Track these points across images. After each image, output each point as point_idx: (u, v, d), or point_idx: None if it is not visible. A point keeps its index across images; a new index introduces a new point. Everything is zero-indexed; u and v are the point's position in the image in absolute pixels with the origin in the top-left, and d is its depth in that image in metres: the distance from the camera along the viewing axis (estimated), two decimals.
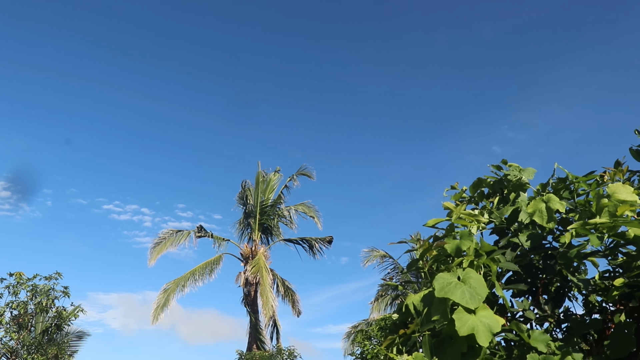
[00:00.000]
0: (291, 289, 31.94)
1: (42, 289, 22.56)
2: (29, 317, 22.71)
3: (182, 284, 29.32)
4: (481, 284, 2.90)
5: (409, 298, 3.12)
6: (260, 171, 33.27)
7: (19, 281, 22.39)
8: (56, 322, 23.45)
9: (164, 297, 28.90)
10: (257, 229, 31.75)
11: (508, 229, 3.81)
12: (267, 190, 32.95)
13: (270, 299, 28.21)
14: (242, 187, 33.39)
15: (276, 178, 33.75)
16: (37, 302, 22.44)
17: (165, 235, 30.51)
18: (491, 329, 2.76)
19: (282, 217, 32.93)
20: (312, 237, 32.25)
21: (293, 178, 33.26)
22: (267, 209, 32.22)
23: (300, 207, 33.07)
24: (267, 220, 32.12)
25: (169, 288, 29.19)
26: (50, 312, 23.22)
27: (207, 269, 30.18)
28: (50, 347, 22.67)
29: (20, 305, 22.34)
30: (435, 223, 3.65)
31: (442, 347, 2.90)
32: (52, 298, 22.66)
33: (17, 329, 22.35)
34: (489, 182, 4.14)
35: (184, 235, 30.71)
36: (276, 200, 32.78)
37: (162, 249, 29.79)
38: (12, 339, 22.24)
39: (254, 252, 30.95)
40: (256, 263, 29.42)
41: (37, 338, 23.02)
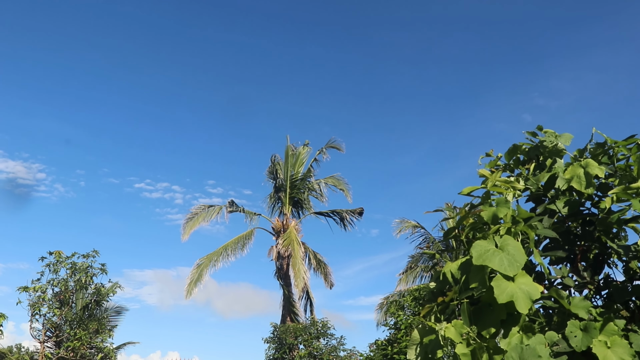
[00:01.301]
0: (323, 262, 32.17)
1: (80, 266, 23.14)
2: (70, 293, 23.36)
3: (214, 259, 29.72)
4: (519, 251, 2.87)
5: (446, 266, 3.10)
6: (290, 145, 33.30)
7: (58, 259, 23.00)
8: (95, 298, 24.08)
9: (197, 272, 29.37)
10: (288, 203, 31.91)
11: (545, 196, 3.76)
12: (297, 164, 33.00)
13: (302, 271, 28.47)
14: (271, 161, 33.50)
15: (305, 151, 33.74)
16: (77, 280, 23.04)
17: (197, 210, 30.91)
18: (530, 296, 2.74)
19: (312, 190, 33.02)
20: (342, 210, 32.33)
21: (322, 151, 33.23)
22: (297, 183, 32.32)
23: (330, 180, 33.10)
24: (297, 193, 32.24)
25: (202, 263, 29.63)
26: (90, 289, 23.84)
27: (239, 244, 30.52)
28: (91, 323, 23.32)
29: (60, 282, 22.99)
30: (470, 191, 3.60)
31: (481, 314, 2.89)
32: (91, 275, 23.24)
33: (59, 305, 23.02)
34: (524, 149, 4.07)
35: (215, 210, 31.04)
36: (306, 174, 32.82)
37: (195, 224, 30.19)
38: (55, 315, 22.94)
39: (285, 225, 31.16)
40: (287, 236, 29.63)
41: (78, 314, 23.69)
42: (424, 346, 3.02)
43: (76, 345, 22.40)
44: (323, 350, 25.38)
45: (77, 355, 22.66)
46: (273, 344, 26.47)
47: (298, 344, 26.15)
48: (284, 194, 32.23)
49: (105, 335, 23.75)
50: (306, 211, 32.84)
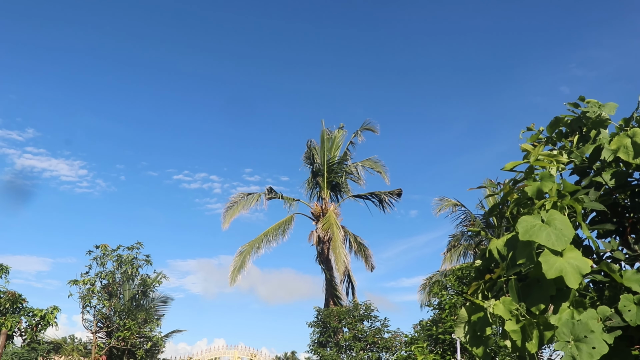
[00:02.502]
0: (363, 245, 32.22)
1: (126, 258, 23.69)
2: (117, 285, 23.97)
3: (256, 245, 30.03)
4: (567, 225, 2.82)
5: (492, 243, 3.06)
6: (325, 129, 33.32)
7: (104, 252, 23.59)
8: (142, 289, 24.65)
9: (239, 259, 29.73)
10: (326, 187, 31.96)
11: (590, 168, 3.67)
12: (333, 148, 32.99)
13: (342, 255, 28.54)
14: (307, 146, 33.55)
15: (340, 135, 33.69)
16: (123, 271, 23.61)
17: (236, 198, 31.23)
18: (580, 270, 2.69)
19: (349, 173, 33.00)
20: (380, 191, 32.26)
21: (357, 134, 33.12)
22: (334, 167, 32.33)
23: (367, 163, 33.01)
24: (335, 177, 32.26)
25: (244, 250, 29.97)
26: (136, 280, 24.42)
27: (280, 230, 30.76)
28: (139, 313, 23.90)
29: (108, 274, 23.59)
30: (513, 166, 3.54)
31: (529, 290, 2.85)
32: (136, 267, 23.78)
33: (107, 297, 23.65)
34: (566, 121, 3.98)
35: (254, 197, 31.31)
36: (342, 157, 32.79)
37: (235, 212, 30.53)
38: (104, 307, 23.59)
39: (324, 210, 31.24)
40: (327, 220, 29.72)
41: (126, 304, 24.30)
42: (472, 324, 3.00)
43: (126, 334, 23.01)
44: (367, 333, 25.48)
45: (128, 344, 23.29)
46: (317, 328, 26.69)
47: (342, 327, 26.32)
48: (321, 178, 32.29)
49: (153, 324, 24.33)
50: (344, 194, 32.89)
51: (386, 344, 25.00)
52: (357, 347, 25.01)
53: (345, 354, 25.61)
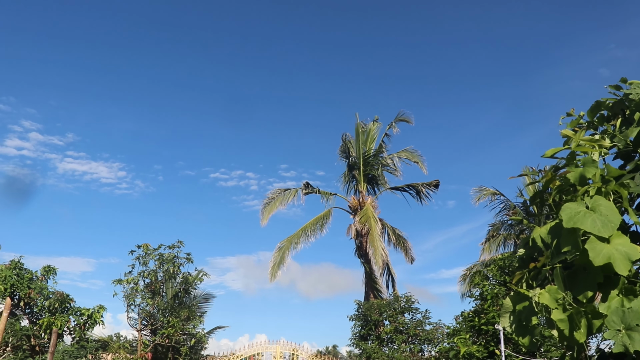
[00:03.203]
0: (402, 237, 32.05)
1: (167, 257, 24.07)
2: (160, 284, 24.38)
3: (295, 241, 30.15)
4: (613, 210, 2.75)
5: (535, 231, 3.01)
6: (359, 122, 33.20)
7: (146, 252, 24.02)
8: (184, 286, 25.02)
9: (279, 255, 29.89)
10: (362, 180, 31.88)
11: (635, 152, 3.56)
12: (368, 141, 32.87)
13: (380, 247, 28.44)
14: (342, 140, 33.50)
15: (375, 127, 33.54)
16: (165, 270, 24.00)
17: (273, 195, 31.39)
18: (629, 257, 2.62)
19: (385, 165, 32.84)
20: (418, 183, 32.02)
21: (392, 125, 32.91)
22: (370, 159, 32.22)
23: (403, 154, 32.78)
24: (371, 170, 32.16)
25: (283, 246, 30.13)
26: (178, 278, 24.78)
27: (318, 224, 30.81)
28: (182, 310, 24.27)
29: (150, 273, 24.02)
30: (554, 153, 3.46)
31: (576, 278, 2.79)
32: (178, 265, 24.15)
33: (151, 295, 24.08)
34: (607, 104, 3.87)
35: (291, 193, 31.44)
36: (378, 150, 32.64)
37: (273, 209, 30.70)
38: (148, 305, 24.02)
39: (361, 203, 31.18)
40: (364, 214, 29.64)
41: (169, 302, 24.70)
42: (518, 314, 2.95)
43: (170, 332, 23.41)
44: (409, 325, 25.39)
45: (172, 341, 23.70)
46: (358, 321, 26.72)
47: (383, 319, 26.29)
48: (357, 171, 32.23)
49: (196, 321, 24.68)
50: (381, 187, 32.76)
51: (428, 336, 24.88)
52: (398, 339, 24.96)
53: (387, 347, 25.59)
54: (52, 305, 22.72)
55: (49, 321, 21.97)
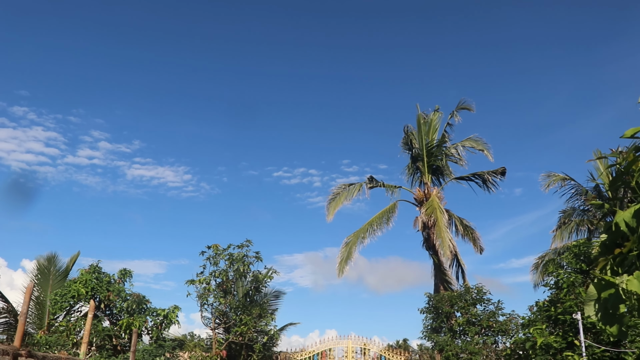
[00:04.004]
0: (470, 227, 31.46)
1: (237, 256, 24.48)
2: (231, 283, 24.83)
3: (361, 235, 30.08)
4: None
5: (618, 216, 2.85)
6: (420, 113, 32.80)
7: (216, 252, 24.52)
8: (254, 285, 25.39)
9: (346, 250, 29.89)
10: (427, 172, 31.49)
11: None
12: (430, 131, 32.43)
13: (448, 239, 28.01)
14: (404, 132, 33.18)
15: (437, 117, 33.06)
16: (235, 269, 24.43)
17: (338, 190, 31.42)
18: None
19: (449, 155, 32.30)
20: (483, 172, 31.34)
21: (454, 114, 32.32)
22: (433, 150, 31.76)
23: (467, 143, 32.16)
24: (435, 161, 31.71)
25: (349, 241, 30.11)
26: (248, 277, 25.18)
27: (384, 218, 30.63)
28: (253, 308, 24.64)
29: (221, 273, 24.51)
30: (634, 133, 3.27)
31: None
32: (247, 264, 24.52)
33: (223, 294, 24.57)
34: None
35: (356, 188, 31.38)
36: (441, 140, 32.14)
37: (338, 204, 30.73)
38: (220, 304, 24.53)
39: (427, 194, 30.80)
40: (430, 205, 29.27)
41: (240, 301, 25.14)
42: (603, 302, 2.81)
43: (243, 329, 23.82)
44: (481, 317, 24.90)
45: (245, 339, 24.10)
46: (429, 314, 26.41)
47: (454, 311, 25.89)
48: (421, 163, 31.85)
49: (268, 318, 25.01)
50: (446, 177, 32.26)
51: (502, 327, 24.32)
52: (471, 331, 24.52)
53: (460, 339, 25.19)
54: (130, 306, 23.55)
55: (128, 322, 22.79)
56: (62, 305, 23.61)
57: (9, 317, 24.72)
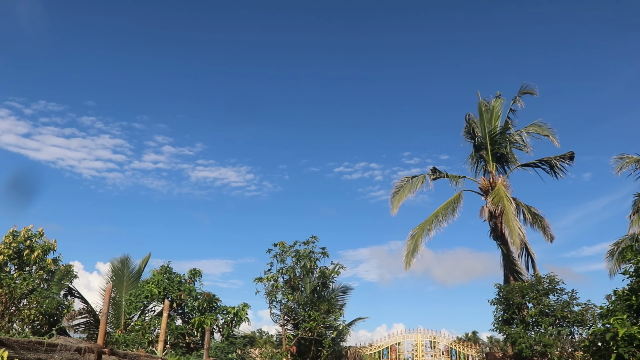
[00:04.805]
0: (538, 215, 30.58)
1: (303, 253, 24.63)
2: (298, 279, 25.02)
3: (427, 227, 29.67)
4: None
5: None
6: (481, 101, 32.08)
7: (283, 249, 24.75)
8: (321, 280, 25.48)
9: (412, 243, 29.56)
10: (491, 160, 30.76)
11: None
12: (493, 119, 31.67)
13: (516, 227, 27.25)
14: (466, 120, 32.51)
15: (499, 104, 32.25)
16: (302, 266, 24.58)
17: (401, 183, 31.08)
18: None
19: (514, 142, 31.44)
20: (550, 157, 30.35)
21: (516, 99, 31.42)
22: (496, 138, 30.99)
23: (532, 128, 31.22)
24: (499, 148, 30.93)
25: (415, 234, 29.75)
26: (315, 273, 25.30)
27: (449, 209, 30.12)
28: (321, 303, 24.74)
29: (288, 270, 24.73)
30: None
31: None
32: (314, 260, 24.64)
33: (290, 290, 24.79)
34: None
35: (419, 179, 30.98)
36: (504, 127, 31.31)
37: (402, 197, 30.40)
38: (289, 300, 24.75)
39: (492, 183, 30.10)
40: (496, 194, 28.58)
41: (308, 297, 25.29)
42: None
43: (312, 325, 23.97)
44: (555, 307, 24.14)
45: (314, 334, 24.23)
46: (500, 305, 25.83)
47: (526, 302, 25.23)
48: (485, 151, 31.15)
49: (336, 314, 25.07)
50: (512, 165, 31.40)
51: (577, 318, 23.51)
52: (545, 322, 23.82)
53: (533, 331, 24.53)
54: (200, 305, 24.09)
55: (199, 320, 23.33)
56: (137, 305, 24.37)
57: (89, 317, 25.70)
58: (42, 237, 24.23)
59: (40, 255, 23.54)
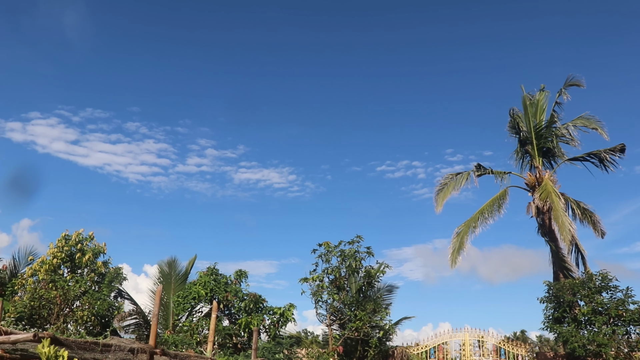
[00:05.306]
0: (588, 210, 29.76)
1: (348, 252, 24.53)
2: (343, 279, 24.92)
3: (472, 224, 29.22)
4: None
5: None
6: (526, 95, 31.39)
7: (328, 249, 24.72)
8: (367, 280, 25.34)
9: (457, 240, 29.15)
10: (537, 155, 30.08)
11: None
12: (538, 112, 30.95)
13: (566, 223, 26.57)
14: (510, 115, 31.86)
15: (543, 97, 31.50)
16: (347, 265, 24.47)
17: (445, 180, 30.68)
18: None
19: (560, 136, 30.64)
20: (600, 150, 29.49)
21: (562, 92, 30.62)
22: (542, 132, 30.27)
23: (579, 122, 30.39)
24: (545, 143, 30.20)
25: (460, 231, 29.33)
26: (360, 272, 25.16)
27: (495, 205, 29.60)
28: (367, 303, 24.61)
29: (334, 270, 24.68)
30: None
31: None
32: (359, 259, 24.50)
33: (336, 290, 24.72)
34: None
35: (463, 176, 30.52)
36: (550, 120, 30.55)
37: (446, 195, 30.00)
38: (334, 300, 24.69)
39: (539, 179, 29.44)
40: (544, 189, 27.94)
41: (354, 297, 25.19)
42: None
43: (358, 325, 23.86)
44: (608, 305, 23.45)
45: (361, 334, 24.11)
46: (550, 303, 25.26)
47: (577, 300, 24.60)
48: (530, 146, 30.49)
49: (382, 313, 24.89)
50: (559, 159, 30.64)
51: (633, 317, 22.79)
52: (598, 321, 23.17)
53: (586, 330, 23.91)
54: (247, 306, 24.25)
55: (246, 321, 23.48)
56: (185, 307, 24.68)
57: (138, 318, 26.15)
58: (92, 241, 24.75)
59: (91, 259, 24.04)
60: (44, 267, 23.13)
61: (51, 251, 23.72)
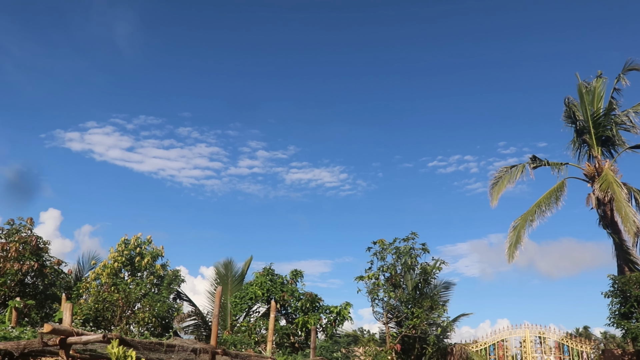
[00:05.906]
0: None
1: (403, 250, 24.30)
2: (399, 276, 24.71)
3: (529, 218, 28.50)
4: None
5: None
6: (581, 82, 30.36)
7: (382, 247, 24.55)
8: (423, 277, 25.04)
9: (514, 234, 28.50)
10: (595, 144, 29.08)
11: None
12: (595, 100, 29.88)
13: (630, 214, 25.60)
14: (565, 104, 30.90)
15: (600, 84, 30.36)
16: (403, 262, 24.26)
17: (500, 174, 30.04)
18: None
19: (620, 124, 29.53)
20: None
21: (620, 77, 29.46)
22: (600, 120, 29.25)
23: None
24: (603, 131, 29.17)
25: (517, 225, 28.66)
26: (416, 269, 24.90)
27: (552, 198, 28.78)
28: (424, 300, 24.33)
29: (389, 267, 24.51)
30: None
31: None
32: (414, 256, 24.25)
33: (392, 288, 24.54)
34: None
35: (519, 169, 29.81)
36: (608, 108, 29.46)
37: (501, 188, 29.36)
38: (390, 298, 24.52)
39: (598, 169, 28.47)
40: (604, 180, 26.99)
41: (410, 294, 24.95)
42: None
43: (415, 322, 23.61)
44: None
45: (418, 331, 23.87)
46: (616, 298, 24.38)
47: None
48: (588, 135, 29.51)
49: (439, 310, 24.56)
50: (619, 148, 29.53)
51: None
52: None
53: None
54: (303, 305, 24.33)
55: (303, 320, 23.58)
56: (242, 307, 24.95)
57: (197, 319, 26.61)
58: (150, 244, 25.33)
59: (150, 262, 24.61)
60: (106, 271, 23.84)
61: (112, 255, 24.43)
